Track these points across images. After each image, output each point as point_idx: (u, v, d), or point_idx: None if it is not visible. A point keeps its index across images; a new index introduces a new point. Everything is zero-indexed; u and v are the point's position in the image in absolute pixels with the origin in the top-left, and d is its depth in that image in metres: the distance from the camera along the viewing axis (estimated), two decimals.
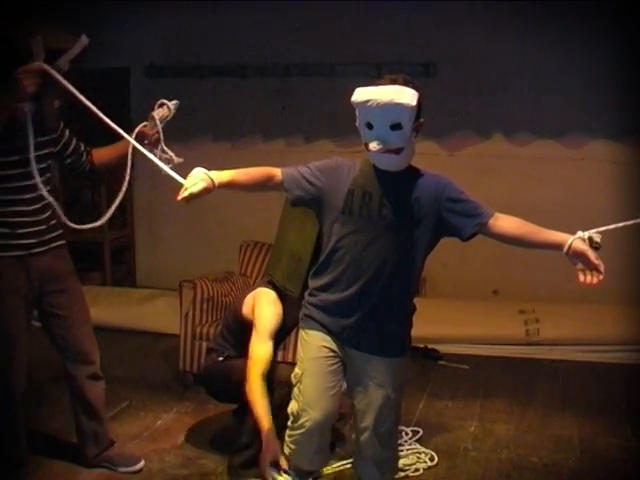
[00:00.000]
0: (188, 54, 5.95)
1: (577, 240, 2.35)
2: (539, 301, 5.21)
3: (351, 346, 2.52)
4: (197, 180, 2.26)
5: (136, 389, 4.23)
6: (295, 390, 2.59)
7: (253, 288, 3.34)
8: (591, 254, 2.32)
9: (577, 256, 2.35)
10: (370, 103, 2.32)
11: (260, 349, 3.03)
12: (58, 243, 3.08)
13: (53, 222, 3.05)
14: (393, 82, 2.36)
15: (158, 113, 2.91)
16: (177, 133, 2.62)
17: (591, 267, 2.33)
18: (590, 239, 2.35)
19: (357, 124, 2.41)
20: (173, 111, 2.92)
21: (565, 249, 2.36)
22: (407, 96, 2.31)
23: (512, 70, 5.50)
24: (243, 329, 3.22)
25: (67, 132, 3.07)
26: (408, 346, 2.62)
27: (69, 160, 3.08)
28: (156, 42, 6.01)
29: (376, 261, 2.43)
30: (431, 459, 3.41)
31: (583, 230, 2.39)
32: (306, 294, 2.64)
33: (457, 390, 4.36)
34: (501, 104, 5.55)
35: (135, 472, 3.27)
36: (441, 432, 3.75)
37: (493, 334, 5.03)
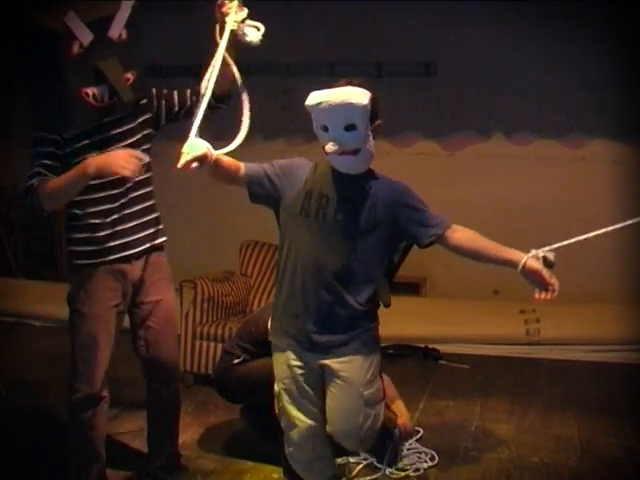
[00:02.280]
0: (189, 53, 5.93)
1: (531, 259, 2.37)
2: None
3: (319, 351, 2.50)
4: (197, 147, 2.30)
5: (137, 388, 4.22)
6: (279, 407, 2.62)
7: None
8: (545, 273, 2.35)
9: (531, 275, 2.37)
10: (322, 105, 2.32)
11: None
12: (155, 253, 2.93)
13: (150, 230, 2.89)
14: (347, 85, 2.37)
15: None
16: (178, 132, 2.61)
17: (545, 286, 2.36)
18: (544, 258, 2.37)
19: (314, 129, 2.41)
20: None
21: (520, 268, 2.38)
22: (358, 96, 2.32)
23: (512, 70, 5.49)
24: (266, 343, 3.22)
25: (155, 95, 2.85)
26: (375, 342, 2.57)
27: (181, 114, 2.83)
28: (157, 41, 5.99)
29: (330, 265, 2.41)
30: (432, 459, 3.41)
31: (536, 248, 2.40)
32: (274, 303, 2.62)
33: (457, 390, 4.36)
34: (501, 104, 5.55)
35: None
36: (441, 432, 3.74)
37: (494, 334, 5.03)
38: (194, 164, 2.29)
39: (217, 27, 2.64)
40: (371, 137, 2.40)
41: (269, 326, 2.69)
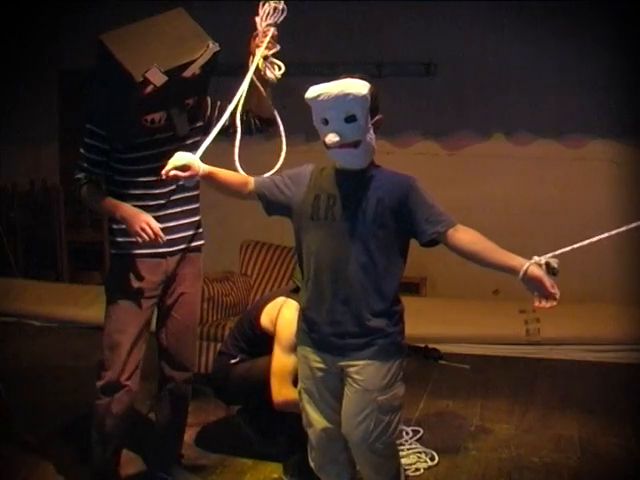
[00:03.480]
0: None
1: (533, 266, 2.27)
2: None
3: (337, 353, 2.48)
4: (180, 157, 2.40)
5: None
6: (301, 405, 2.61)
7: (275, 296, 3.29)
8: (547, 281, 2.25)
9: (533, 282, 2.28)
10: (322, 97, 2.32)
11: (284, 363, 3.01)
12: (192, 253, 2.98)
13: (189, 232, 2.94)
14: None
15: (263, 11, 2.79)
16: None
17: (546, 295, 2.27)
18: (547, 265, 2.27)
19: (314, 123, 2.40)
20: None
21: (521, 275, 2.28)
22: (357, 86, 2.31)
23: (512, 70, 5.50)
24: (259, 338, 3.20)
25: (209, 106, 2.94)
26: (396, 348, 2.55)
27: (230, 130, 2.82)
28: None
29: (344, 265, 2.40)
30: (432, 458, 3.41)
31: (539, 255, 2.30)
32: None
33: (457, 390, 4.36)
34: (501, 104, 5.56)
35: None
36: (442, 431, 3.74)
37: (494, 334, 5.04)
38: (173, 172, 2.39)
39: (251, 57, 2.81)
40: (371, 130, 2.38)
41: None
